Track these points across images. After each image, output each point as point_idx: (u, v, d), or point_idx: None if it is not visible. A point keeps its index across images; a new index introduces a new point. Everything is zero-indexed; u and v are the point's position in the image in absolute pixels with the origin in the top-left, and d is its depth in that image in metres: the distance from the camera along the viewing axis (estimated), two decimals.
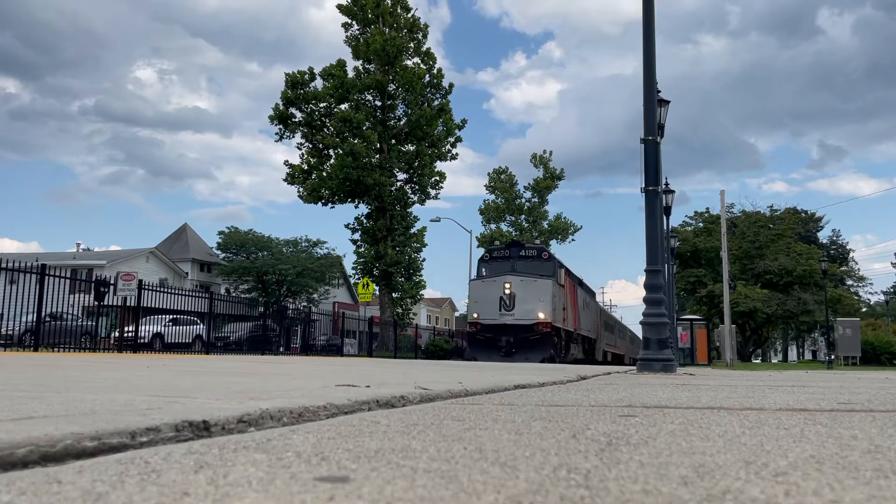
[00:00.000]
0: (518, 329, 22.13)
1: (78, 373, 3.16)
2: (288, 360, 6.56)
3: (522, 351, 21.62)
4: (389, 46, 30.11)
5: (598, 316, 35.96)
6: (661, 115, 13.89)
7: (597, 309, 35.44)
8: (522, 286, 22.58)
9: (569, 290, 26.41)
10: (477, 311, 23.20)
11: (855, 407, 2.65)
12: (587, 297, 31.74)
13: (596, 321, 33.92)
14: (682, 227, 57.67)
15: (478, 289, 23.51)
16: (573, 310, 27.10)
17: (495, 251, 25.03)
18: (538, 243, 27.07)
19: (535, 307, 22.21)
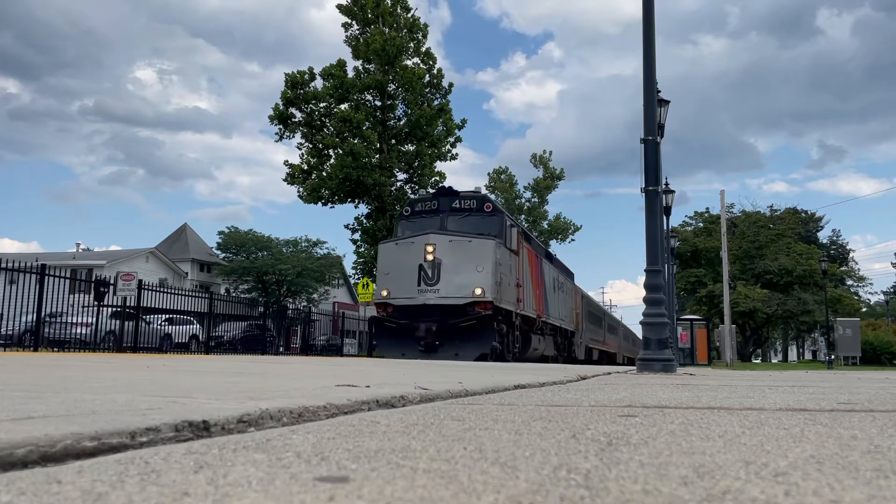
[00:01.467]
0: (444, 311, 15.17)
1: (78, 373, 3.16)
2: (288, 360, 6.56)
3: (450, 342, 14.94)
4: (389, 46, 30.12)
5: (580, 304, 29.23)
6: (661, 115, 13.90)
7: (576, 294, 28.56)
8: (452, 250, 15.49)
9: (528, 262, 19.13)
10: (387, 286, 15.84)
11: (855, 407, 2.65)
12: (560, 277, 24.64)
13: (575, 310, 27.46)
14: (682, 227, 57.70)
15: (389, 255, 16.35)
16: (536, 288, 19.96)
17: (419, 203, 17.72)
18: (479, 190, 18.04)
19: (471, 279, 15.19)
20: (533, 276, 19.82)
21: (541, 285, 20.80)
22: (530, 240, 21.27)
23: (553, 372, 6.42)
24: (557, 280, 24.16)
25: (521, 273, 18.19)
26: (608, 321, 41.81)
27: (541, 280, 20.92)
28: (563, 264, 27.67)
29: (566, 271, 27.62)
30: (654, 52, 9.15)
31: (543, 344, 20.57)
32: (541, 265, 21.31)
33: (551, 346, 22.10)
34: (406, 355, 14.48)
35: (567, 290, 26.43)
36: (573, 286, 28.63)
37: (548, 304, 21.45)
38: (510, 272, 16.98)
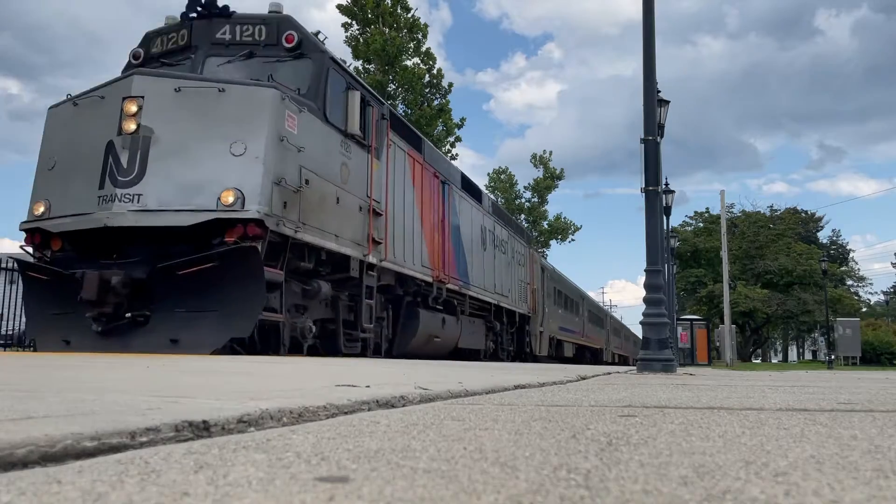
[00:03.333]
0: (154, 242, 7.31)
1: (77, 373, 3.16)
2: (288, 360, 6.56)
3: (164, 314, 7.13)
4: (389, 46, 30.13)
5: (540, 278, 21.63)
6: (661, 115, 13.91)
7: (533, 264, 21.25)
8: (180, 112, 7.54)
9: (410, 179, 11.66)
10: (47, 194, 7.85)
11: (855, 407, 2.65)
12: (503, 233, 17.78)
13: (532, 286, 20.55)
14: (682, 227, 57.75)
15: (60, 131, 8.13)
16: (434, 232, 12.53)
17: (160, 38, 9.19)
18: (279, 7, 8.91)
19: (218, 172, 7.33)
20: (427, 207, 12.05)
21: (445, 230, 12.92)
22: (421, 144, 12.28)
23: (553, 372, 6.43)
24: (495, 235, 16.80)
25: (388, 191, 10.38)
26: (589, 309, 33.03)
27: (446, 221, 13.04)
28: (512, 219, 20.70)
29: (517, 228, 20.44)
30: (653, 51, 9.15)
31: (454, 328, 13.44)
32: (450, 199, 13.40)
33: (480, 332, 15.48)
34: (73, 343, 7.30)
35: (518, 255, 19.34)
36: (530, 253, 21.48)
37: (467, 264, 14.15)
38: (340, 173, 8.89)
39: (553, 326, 23.36)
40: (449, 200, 13.69)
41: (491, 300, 16.33)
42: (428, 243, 12.30)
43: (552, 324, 23.23)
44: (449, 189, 13.81)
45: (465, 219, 14.74)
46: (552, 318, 23.37)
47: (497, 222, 17.82)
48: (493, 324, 16.91)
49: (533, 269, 21.70)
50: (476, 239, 15.49)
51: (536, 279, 21.70)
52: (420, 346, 12.03)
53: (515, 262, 19.38)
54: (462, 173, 15.48)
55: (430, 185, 12.71)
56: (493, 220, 17.30)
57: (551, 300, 23.58)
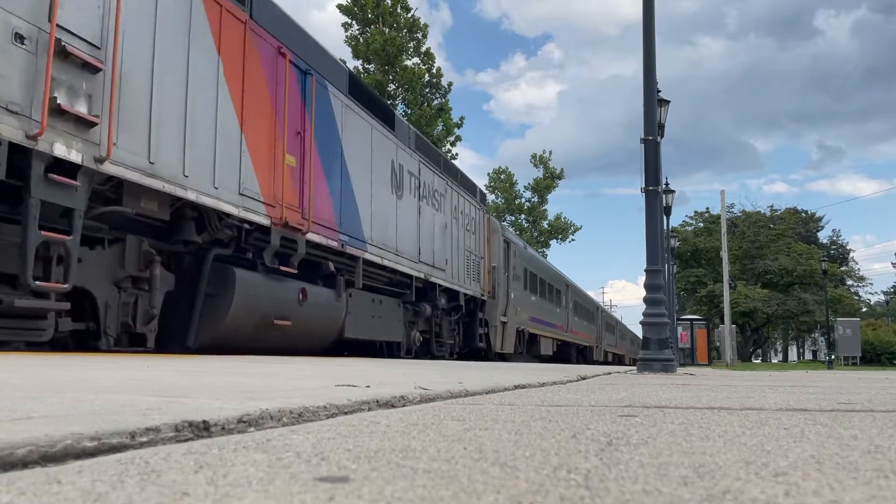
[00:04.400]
0: None
1: (77, 373, 3.16)
2: (288, 361, 6.56)
3: None
4: (389, 46, 30.14)
5: (500, 254, 17.38)
6: (661, 114, 13.91)
7: (488, 231, 17.02)
8: None
9: (209, 23, 7.02)
10: None
11: (855, 407, 2.65)
12: (439, 184, 14.04)
13: (488, 262, 16.71)
14: (682, 227, 57.80)
15: None
16: (294, 145, 8.50)
17: None
18: None
19: None
20: (258, 100, 7.92)
21: (307, 149, 8.73)
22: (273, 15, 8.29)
23: (553, 372, 6.44)
24: (422, 182, 12.80)
25: (123, 26, 5.89)
26: (575, 299, 28.33)
27: (307, 136, 8.82)
28: (457, 168, 15.64)
29: (465, 184, 15.76)
30: (654, 50, 9.15)
31: (331, 308, 9.46)
32: (321, 103, 9.20)
33: (393, 318, 11.58)
34: None
35: (466, 219, 15.35)
36: (486, 219, 17.03)
37: (360, 213, 10.24)
38: None
39: (522, 317, 19.05)
40: (319, 105, 8.97)
41: (412, 272, 11.98)
42: (260, 160, 7.65)
43: (521, 313, 18.87)
44: (321, 89, 9.14)
45: (358, 144, 10.16)
46: (521, 305, 18.94)
47: (426, 164, 13.09)
48: (420, 307, 12.67)
49: (491, 240, 17.11)
50: (382, 179, 11.02)
51: (496, 254, 17.30)
52: (242, 331, 7.61)
53: (461, 227, 15.03)
54: (353, 75, 10.66)
55: (270, 67, 8.03)
56: (417, 159, 12.60)
57: (520, 284, 19.01)
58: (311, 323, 9.20)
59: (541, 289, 22.14)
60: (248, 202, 7.61)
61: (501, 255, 17.79)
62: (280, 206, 8.13)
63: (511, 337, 17.88)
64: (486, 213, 17.75)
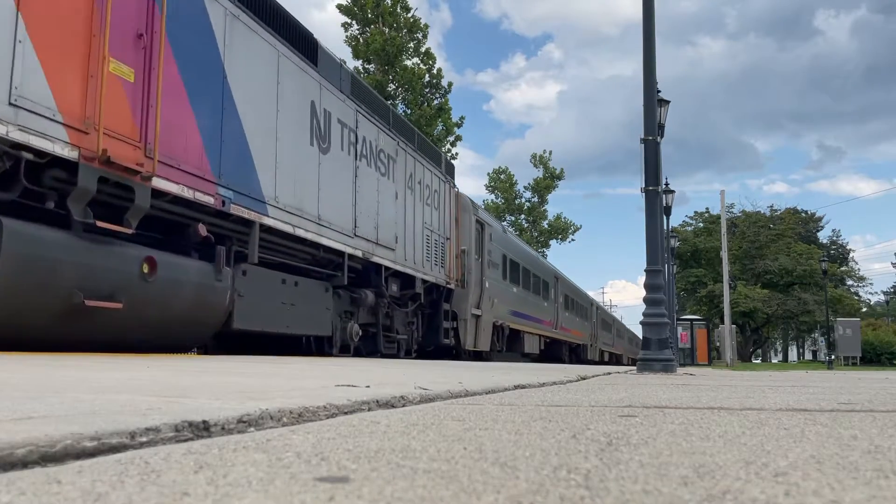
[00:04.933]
0: None
1: (77, 372, 3.16)
2: (288, 361, 6.55)
3: None
4: (389, 46, 30.15)
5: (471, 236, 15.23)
6: (661, 114, 13.92)
7: (458, 210, 15.00)
8: None
9: None
10: None
11: (855, 407, 2.65)
12: (368, 126, 11.11)
13: (454, 242, 14.58)
14: (682, 227, 57.81)
15: None
16: (128, 54, 5.93)
17: None
18: None
19: None
20: None
21: (153, 62, 6.28)
22: None
23: (553, 372, 6.44)
24: (360, 137, 10.62)
25: None
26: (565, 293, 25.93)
27: (154, 46, 6.32)
28: (414, 129, 13.52)
29: (426, 149, 13.75)
30: (654, 50, 9.15)
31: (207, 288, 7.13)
32: (178, 7, 6.67)
33: (316, 305, 9.40)
34: None
35: (426, 191, 13.37)
36: (453, 194, 14.95)
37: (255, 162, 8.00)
38: None
39: (501, 310, 16.83)
40: (181, 4, 6.78)
41: (345, 248, 9.80)
42: (58, 59, 5.45)
43: (499, 306, 16.68)
44: None
45: (255, 72, 7.95)
46: (499, 297, 16.70)
47: (368, 117, 10.88)
48: (360, 295, 10.49)
49: (460, 219, 14.87)
50: (295, 124, 8.72)
51: (467, 236, 14.95)
52: (21, 315, 5.43)
53: (420, 200, 12.86)
54: None
55: None
56: (354, 108, 10.38)
57: (497, 272, 16.82)
58: (164, 307, 6.56)
59: (524, 279, 19.76)
60: (31, 119, 5.19)
61: (473, 237, 15.38)
62: (97, 132, 5.64)
63: (486, 333, 15.64)
64: (453, 187, 15.17)
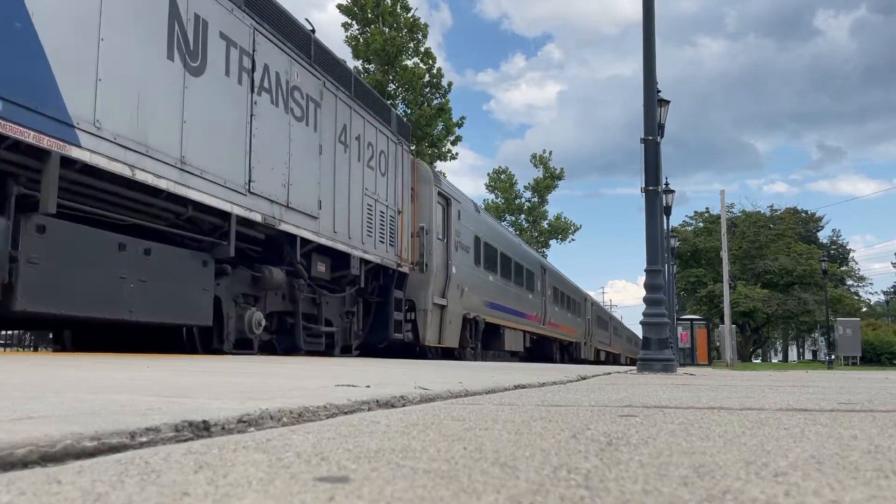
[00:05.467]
0: None
1: (78, 373, 3.16)
2: (288, 360, 6.56)
3: None
4: (389, 46, 30.17)
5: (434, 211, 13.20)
6: (661, 114, 13.92)
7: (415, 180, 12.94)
8: None
9: None
10: None
11: (855, 407, 2.65)
12: (278, 57, 8.62)
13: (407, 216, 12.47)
14: (682, 227, 57.81)
15: None
16: None
17: None
18: None
19: None
20: None
21: None
22: None
23: (553, 372, 6.44)
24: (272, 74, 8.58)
25: None
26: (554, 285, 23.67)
27: None
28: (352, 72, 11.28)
29: (369, 101, 11.27)
30: (654, 50, 9.15)
31: None
32: None
33: (183, 279, 7.04)
34: None
35: (373, 152, 11.16)
36: (408, 161, 12.60)
37: (64, 66, 5.55)
38: None
39: (473, 301, 14.69)
40: None
41: (231, 208, 7.48)
42: None
43: (471, 296, 14.54)
44: None
45: None
46: (471, 285, 14.55)
47: (274, 40, 8.69)
48: (263, 273, 8.29)
49: (418, 191, 12.73)
50: (137, 22, 6.50)
51: (427, 212, 12.80)
52: None
53: (358, 161, 10.60)
54: None
55: None
56: (250, 25, 8.15)
57: (468, 256, 14.70)
58: None
59: (503, 267, 17.44)
60: None
61: (437, 214, 13.23)
62: None
63: (454, 326, 13.58)
64: (409, 152, 12.75)
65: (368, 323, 11.52)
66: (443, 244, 13.53)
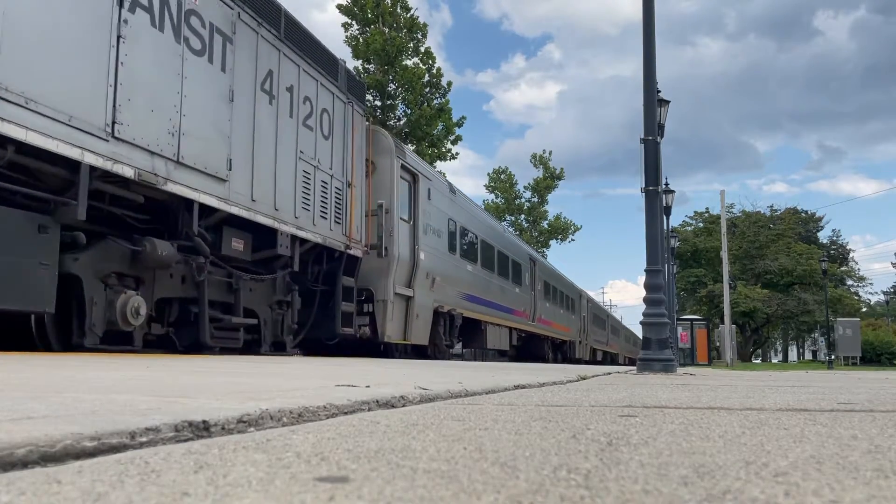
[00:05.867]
0: None
1: (78, 372, 3.16)
2: (288, 360, 6.56)
3: None
4: (389, 46, 30.18)
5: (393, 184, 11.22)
6: (661, 114, 13.92)
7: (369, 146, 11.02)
8: None
9: None
10: None
11: (855, 407, 2.65)
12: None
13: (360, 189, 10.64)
14: (682, 227, 57.82)
15: None
16: None
17: None
18: None
19: None
20: None
21: None
22: None
23: (553, 372, 6.44)
24: None
25: None
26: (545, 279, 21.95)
27: None
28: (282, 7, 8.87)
29: (307, 47, 9.41)
30: (654, 51, 9.15)
31: None
32: None
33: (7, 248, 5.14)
34: None
35: (307, 107, 9.35)
36: (358, 120, 10.74)
37: None
38: None
39: (447, 292, 13.04)
40: None
41: (88, 157, 5.83)
42: None
43: (444, 287, 12.89)
44: None
45: None
46: (444, 275, 12.88)
47: None
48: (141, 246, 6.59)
49: (375, 162, 11.14)
50: None
51: (386, 188, 11.19)
52: None
53: (287, 115, 8.79)
54: None
55: None
56: None
57: (441, 242, 12.97)
58: None
59: (485, 257, 15.66)
60: None
61: (399, 190, 11.42)
62: None
63: (423, 321, 11.97)
64: (363, 116, 10.84)
65: (312, 315, 9.72)
66: (409, 226, 11.74)
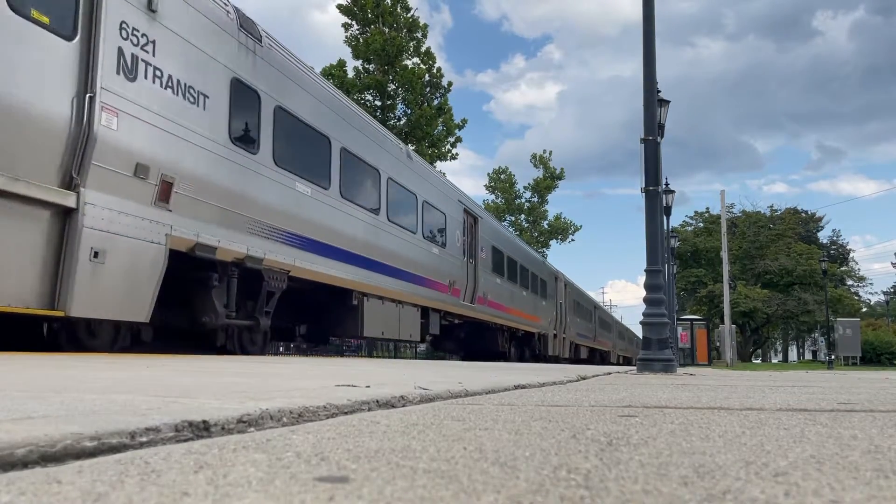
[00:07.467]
0: None
1: (78, 373, 3.16)
2: (288, 360, 6.56)
3: None
4: (389, 46, 30.17)
5: None
6: (661, 115, 13.91)
7: None
8: None
9: None
10: None
11: (855, 407, 2.65)
12: None
13: None
14: (682, 227, 57.84)
15: None
16: None
17: None
18: None
19: None
20: None
21: None
22: None
23: (553, 372, 6.44)
24: None
25: None
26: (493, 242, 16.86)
27: None
28: None
29: None
30: (653, 51, 9.14)
31: None
32: None
33: None
34: None
35: None
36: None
37: None
38: None
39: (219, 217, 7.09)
40: None
41: None
42: None
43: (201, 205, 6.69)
44: None
45: None
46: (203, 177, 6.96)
47: None
48: None
49: None
50: None
51: None
52: None
53: None
54: None
55: None
56: None
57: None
58: None
59: (346, 176, 9.84)
60: None
61: None
62: None
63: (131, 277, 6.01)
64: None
65: None
66: None
